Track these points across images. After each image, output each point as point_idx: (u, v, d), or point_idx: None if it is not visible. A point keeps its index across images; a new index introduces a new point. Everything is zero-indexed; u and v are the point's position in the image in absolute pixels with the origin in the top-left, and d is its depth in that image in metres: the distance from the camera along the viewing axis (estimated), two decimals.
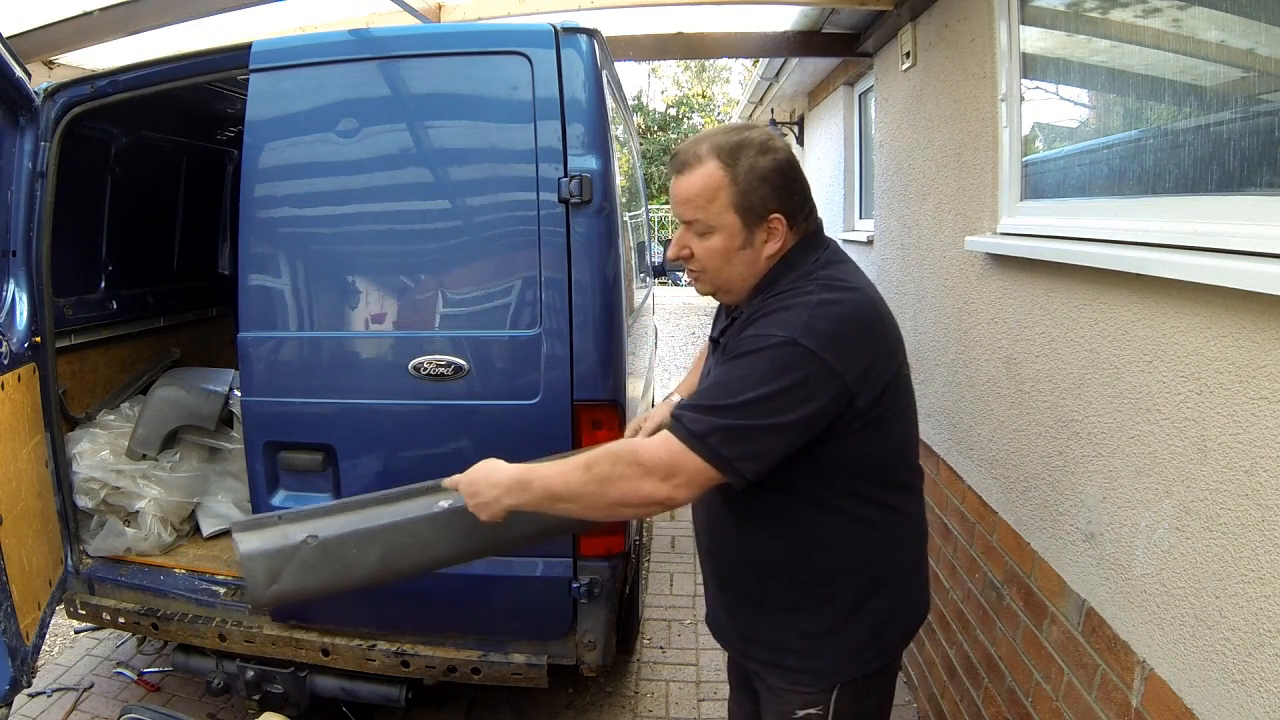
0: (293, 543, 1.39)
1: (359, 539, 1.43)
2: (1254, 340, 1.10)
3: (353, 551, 1.42)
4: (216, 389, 2.90)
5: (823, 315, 1.19)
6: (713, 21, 3.93)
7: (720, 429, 1.15)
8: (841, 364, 1.17)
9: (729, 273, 1.32)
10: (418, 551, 1.47)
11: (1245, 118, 1.26)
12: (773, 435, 1.16)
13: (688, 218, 1.30)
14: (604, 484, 1.20)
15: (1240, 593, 1.13)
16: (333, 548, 1.41)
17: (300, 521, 1.42)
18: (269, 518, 1.44)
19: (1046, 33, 1.97)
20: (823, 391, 1.17)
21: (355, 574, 1.44)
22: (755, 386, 1.15)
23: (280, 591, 1.39)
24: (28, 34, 2.80)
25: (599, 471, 1.21)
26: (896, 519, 1.36)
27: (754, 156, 1.26)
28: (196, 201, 3.67)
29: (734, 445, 1.15)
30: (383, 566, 1.45)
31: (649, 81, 25.38)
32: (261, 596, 1.39)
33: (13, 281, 2.31)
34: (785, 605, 1.36)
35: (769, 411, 1.15)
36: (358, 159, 2.09)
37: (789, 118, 6.77)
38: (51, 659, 3.03)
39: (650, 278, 4.63)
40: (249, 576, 1.38)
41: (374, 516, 1.46)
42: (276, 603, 1.43)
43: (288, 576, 1.39)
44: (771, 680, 1.40)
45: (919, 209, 2.79)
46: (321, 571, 1.41)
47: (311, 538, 1.40)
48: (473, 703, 2.76)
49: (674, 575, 3.71)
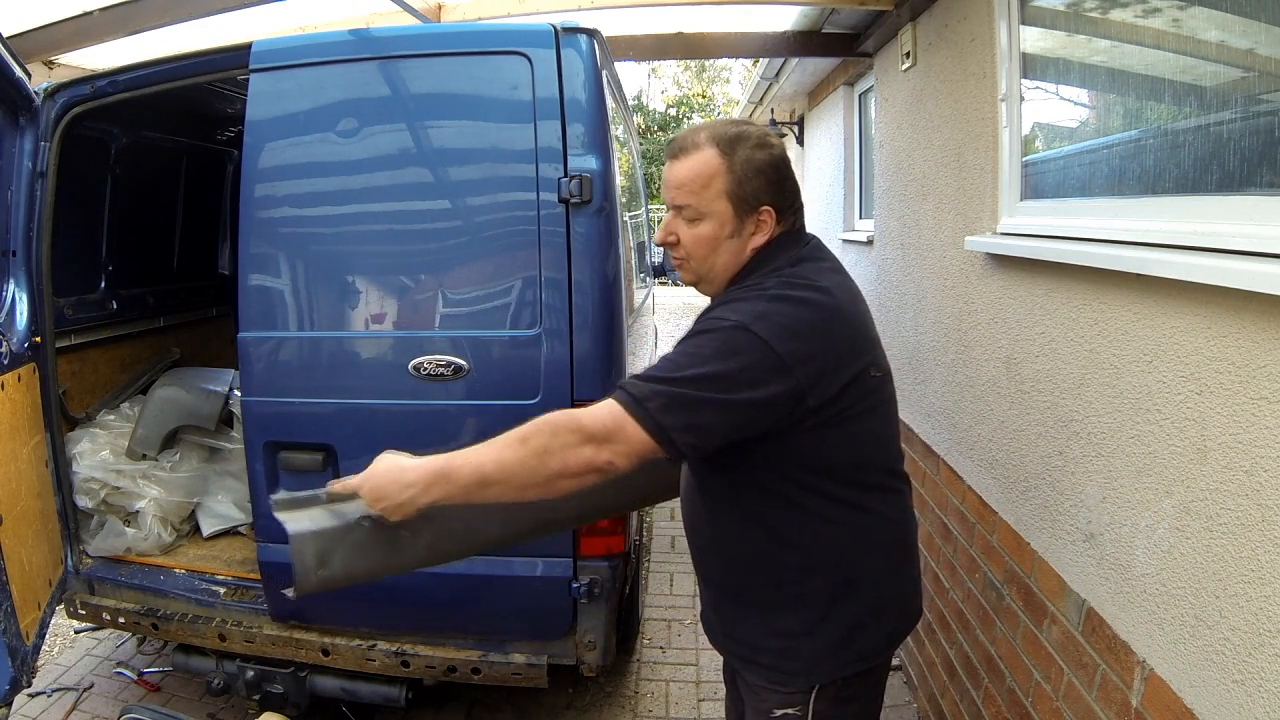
0: (346, 523, 1.30)
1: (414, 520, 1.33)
2: (1254, 340, 1.10)
3: (405, 534, 1.34)
4: (216, 389, 2.90)
5: (776, 310, 1.19)
6: (713, 21, 3.93)
7: (661, 394, 1.14)
8: (791, 358, 1.16)
9: (712, 261, 1.32)
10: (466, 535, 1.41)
11: (1245, 118, 1.26)
12: (714, 410, 1.15)
13: (680, 202, 1.30)
14: (543, 456, 1.16)
15: (1240, 593, 1.13)
16: (387, 529, 1.32)
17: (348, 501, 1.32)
18: (313, 495, 1.34)
19: (1046, 33, 1.97)
20: (769, 381, 1.16)
21: (406, 557, 1.37)
22: (701, 364, 1.16)
23: (328, 576, 1.31)
24: (28, 34, 2.80)
25: (536, 444, 1.17)
26: (868, 520, 1.34)
27: (751, 149, 1.28)
28: (196, 201, 3.67)
29: (673, 414, 1.14)
30: (431, 550, 1.38)
31: (649, 81, 25.41)
32: (309, 580, 1.30)
33: (13, 281, 2.31)
34: (761, 602, 1.36)
35: (712, 388, 1.15)
36: (358, 159, 2.09)
37: (789, 118, 6.77)
38: (51, 659, 3.03)
39: (650, 278, 4.63)
40: (298, 559, 1.29)
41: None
42: (323, 588, 1.33)
43: (337, 559, 1.30)
44: (749, 677, 1.41)
45: (919, 209, 2.79)
46: (373, 555, 1.33)
47: (366, 519, 1.30)
48: (473, 703, 2.76)
49: (674, 575, 3.71)
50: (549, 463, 1.16)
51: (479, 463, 1.19)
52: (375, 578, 1.40)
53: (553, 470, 1.17)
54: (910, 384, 2.75)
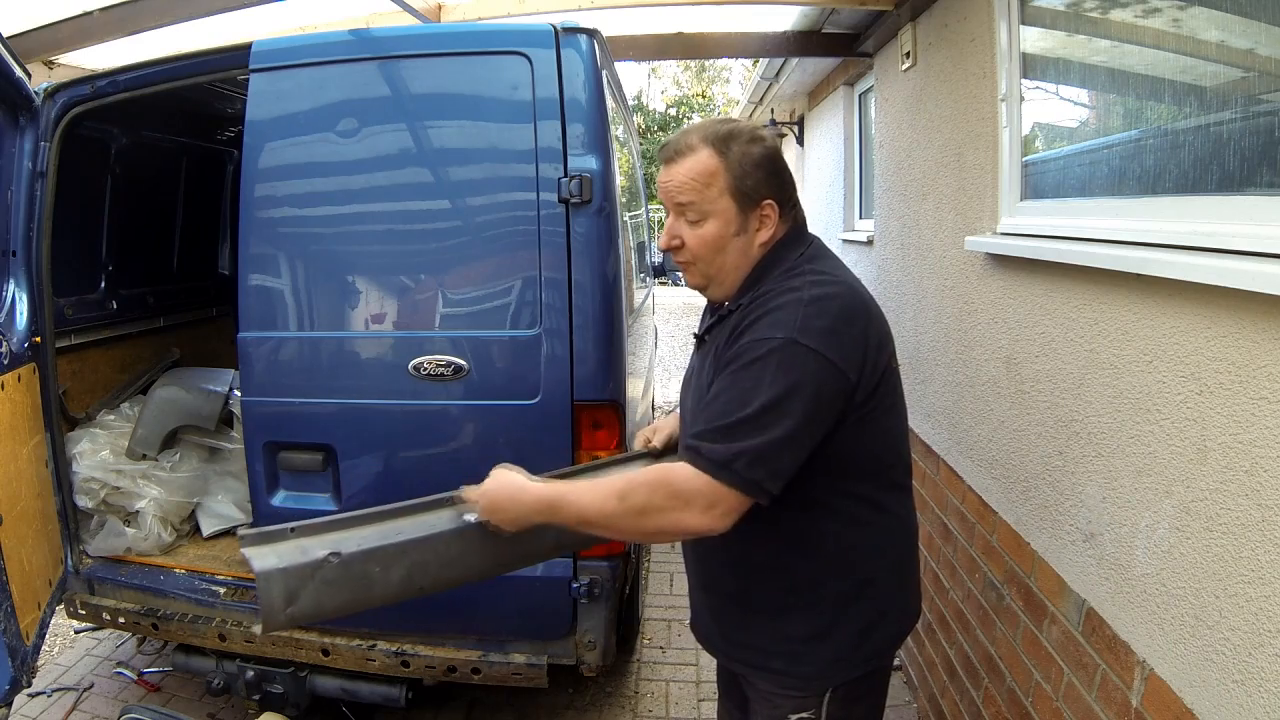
0: (313, 560, 1.28)
1: (384, 556, 1.33)
2: (1254, 340, 1.10)
3: (376, 570, 1.33)
4: (216, 389, 2.90)
5: (815, 311, 1.18)
6: (713, 21, 3.93)
7: (743, 453, 1.13)
8: (843, 362, 1.17)
9: (721, 262, 1.31)
10: (442, 568, 1.39)
11: (1245, 118, 1.26)
12: (793, 446, 1.16)
13: (682, 201, 1.28)
14: (641, 516, 1.19)
15: (1240, 593, 1.12)
16: (356, 565, 1.31)
17: (317, 535, 1.31)
18: (281, 530, 1.32)
19: (1046, 33, 1.97)
20: (827, 387, 1.17)
21: (377, 592, 1.35)
22: (764, 393, 1.14)
23: (297, 613, 1.29)
24: (28, 34, 2.81)
25: (635, 502, 1.19)
26: (886, 520, 1.35)
27: (745, 144, 1.27)
28: (196, 201, 3.67)
29: (760, 467, 1.14)
30: (405, 584, 1.36)
31: (649, 81, 25.40)
32: (277, 618, 1.29)
33: (13, 281, 2.31)
34: (771, 608, 1.34)
35: (780, 416, 1.14)
36: (358, 159, 2.09)
37: (789, 118, 6.77)
38: (51, 659, 3.03)
39: (650, 278, 4.63)
40: (264, 597, 1.27)
41: (397, 530, 1.36)
42: (292, 624, 1.33)
43: (307, 597, 1.28)
44: (761, 684, 1.39)
45: (919, 209, 2.79)
46: (342, 591, 1.31)
47: (334, 555, 1.29)
48: (473, 703, 2.76)
49: (674, 575, 3.71)
50: (645, 523, 1.19)
51: (583, 506, 1.23)
52: (347, 614, 1.38)
53: (649, 530, 1.21)
54: (910, 384, 2.75)
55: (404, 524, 1.37)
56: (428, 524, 1.37)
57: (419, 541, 1.35)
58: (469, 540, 1.38)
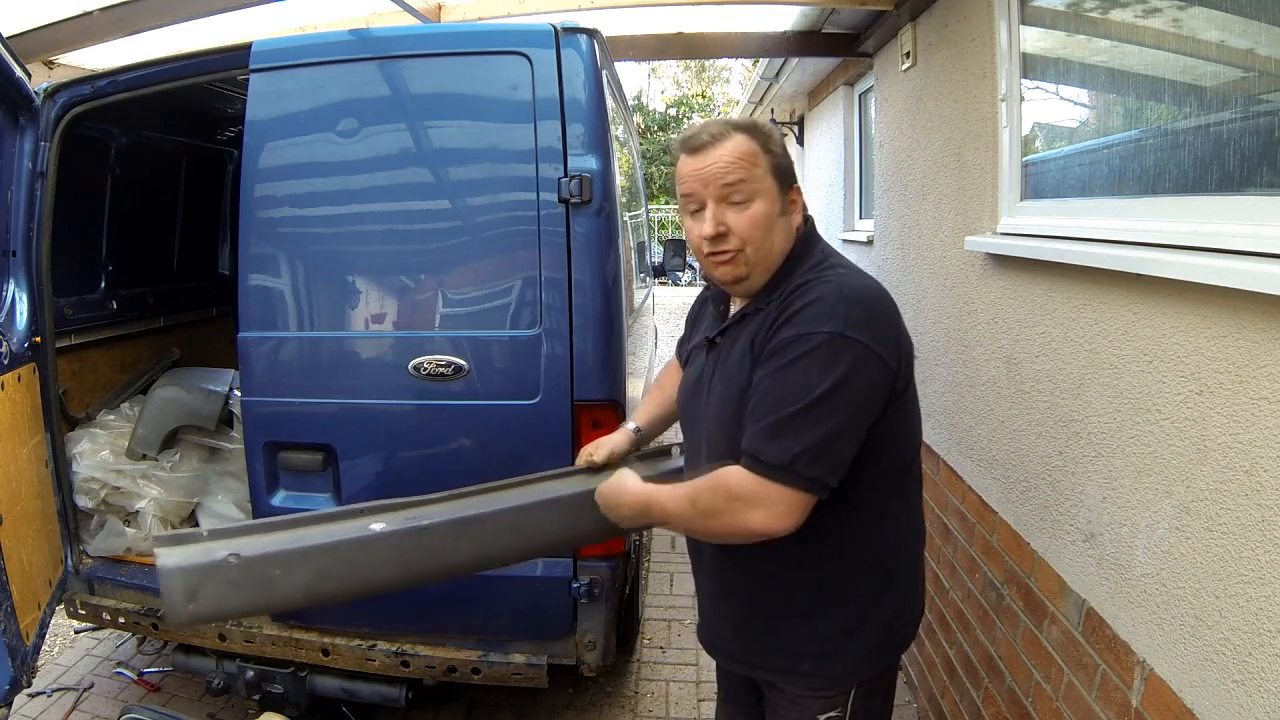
0: (214, 560, 1.34)
1: (285, 560, 1.38)
2: (1254, 340, 1.10)
3: (276, 572, 1.38)
4: (216, 389, 2.90)
5: (855, 302, 1.20)
6: (713, 21, 3.93)
7: (802, 452, 1.14)
8: (883, 349, 1.19)
9: (770, 244, 1.28)
10: (346, 576, 1.43)
11: (1245, 118, 1.26)
12: (845, 439, 1.18)
13: (730, 181, 1.25)
14: (708, 518, 1.23)
15: (1240, 593, 1.13)
16: (256, 567, 1.36)
17: (227, 539, 1.37)
18: (195, 533, 1.39)
19: (1046, 33, 1.97)
20: (874, 378, 1.19)
21: (279, 595, 1.40)
22: (815, 387, 1.15)
23: (198, 611, 1.34)
24: (28, 34, 2.80)
25: (702, 506, 1.23)
26: (909, 512, 1.37)
27: (770, 131, 1.33)
28: (196, 201, 3.67)
29: (820, 464, 1.15)
30: (308, 590, 1.41)
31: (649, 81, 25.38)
32: (179, 614, 1.34)
33: (13, 281, 2.31)
34: (799, 610, 1.34)
35: (833, 410, 1.15)
36: (358, 159, 2.09)
37: (789, 118, 6.77)
38: (51, 659, 3.03)
39: (650, 278, 4.63)
40: (165, 593, 1.33)
41: (305, 537, 1.41)
42: (194, 622, 1.39)
43: (207, 595, 1.34)
44: (788, 689, 1.37)
45: (919, 209, 2.79)
46: (243, 591, 1.36)
47: (234, 556, 1.35)
48: (473, 703, 2.75)
49: (674, 575, 3.71)
50: (712, 525, 1.24)
51: (666, 506, 1.31)
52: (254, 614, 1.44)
53: (717, 531, 1.25)
54: None
55: (317, 531, 1.43)
56: (334, 532, 1.43)
57: (321, 549, 1.40)
58: (372, 550, 1.43)
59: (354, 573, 1.43)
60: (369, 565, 1.44)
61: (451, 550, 1.47)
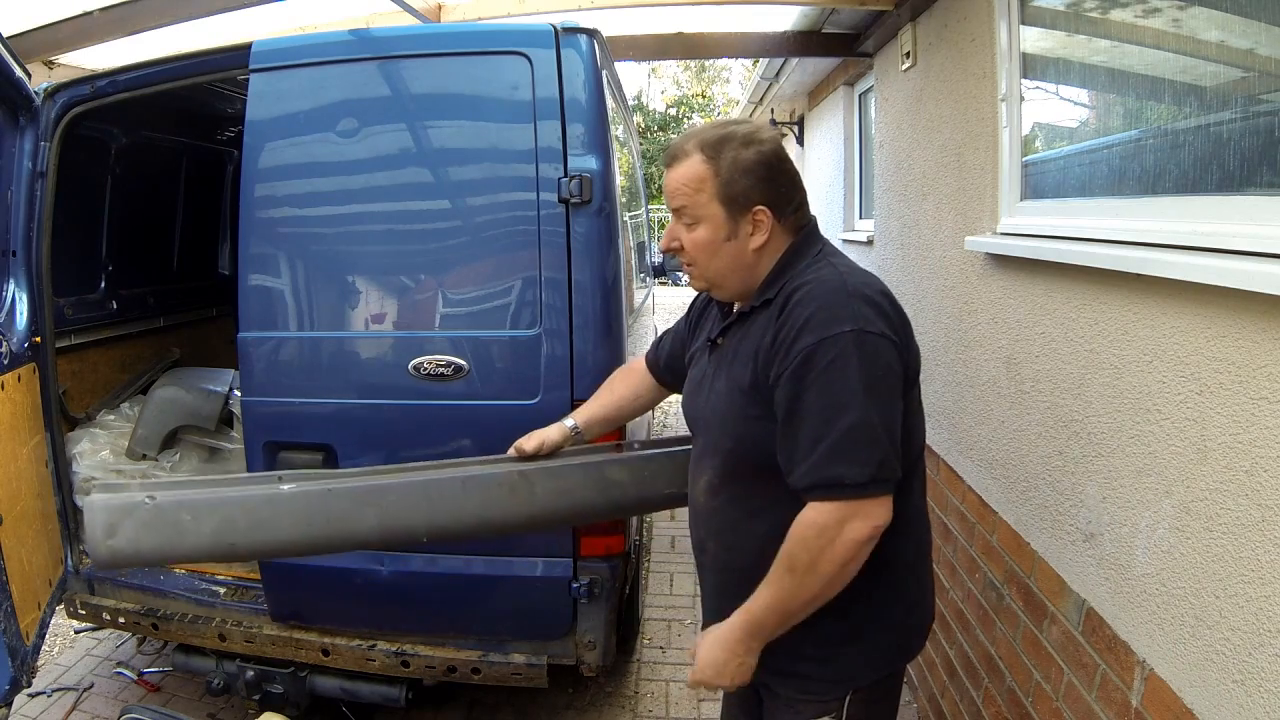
0: (132, 501, 1.48)
1: (196, 506, 1.50)
2: (1254, 340, 1.10)
3: (187, 518, 1.50)
4: (216, 389, 2.90)
5: (864, 298, 1.21)
6: (713, 21, 3.93)
7: (883, 459, 1.15)
8: (896, 335, 1.21)
9: (716, 265, 1.33)
10: (252, 529, 1.53)
11: (1245, 118, 1.26)
12: (895, 425, 1.19)
13: (676, 206, 1.32)
14: (812, 570, 1.17)
15: (1240, 593, 1.13)
16: (169, 511, 1.49)
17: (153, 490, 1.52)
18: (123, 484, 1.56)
19: (1046, 33, 1.97)
20: (898, 363, 1.21)
21: (189, 541, 1.51)
22: (858, 387, 1.15)
23: (117, 547, 1.48)
24: (28, 34, 2.80)
25: (802, 562, 1.18)
26: (913, 511, 1.35)
27: (737, 149, 1.27)
28: (196, 201, 3.67)
29: (888, 466, 1.16)
30: (216, 539, 1.51)
31: (649, 81, 25.39)
32: (99, 550, 1.48)
33: (13, 281, 2.31)
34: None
35: (879, 405, 1.16)
36: (358, 159, 2.09)
37: (789, 118, 6.77)
38: (51, 659, 3.03)
39: (650, 278, 4.63)
40: (88, 528, 1.48)
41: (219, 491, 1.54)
42: (116, 559, 1.51)
43: (124, 533, 1.47)
44: (783, 691, 1.37)
45: (919, 209, 2.79)
46: (157, 533, 1.49)
47: (149, 498, 1.49)
48: (473, 703, 2.75)
49: (674, 575, 3.71)
50: (822, 568, 1.17)
51: (772, 603, 1.22)
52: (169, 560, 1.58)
53: (832, 572, 1.17)
54: None
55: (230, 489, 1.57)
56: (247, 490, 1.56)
57: (230, 500, 1.53)
58: (278, 506, 1.53)
59: (258, 527, 1.53)
60: (273, 520, 1.53)
61: (357, 515, 1.54)
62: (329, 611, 2.26)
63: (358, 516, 1.54)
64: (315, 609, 2.27)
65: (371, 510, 1.55)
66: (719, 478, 1.37)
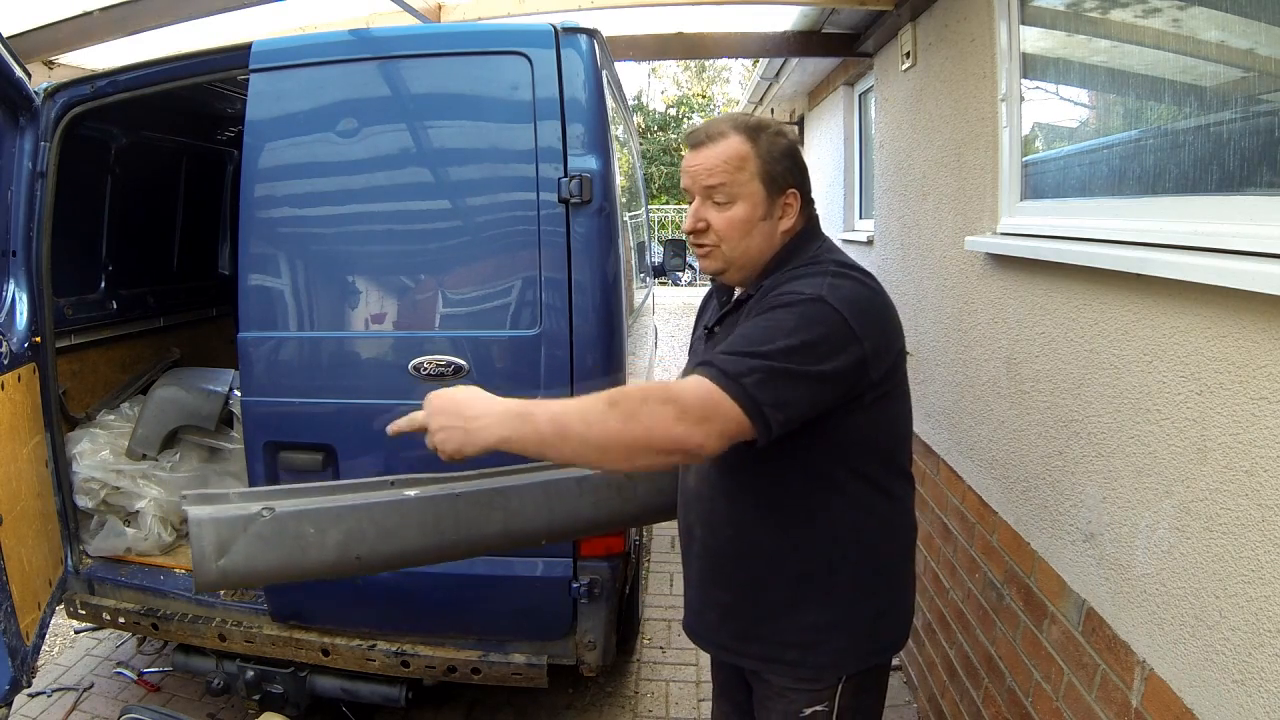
0: (248, 513, 1.30)
1: (319, 517, 1.33)
2: (1254, 340, 1.10)
3: (310, 531, 1.33)
4: (216, 389, 2.90)
5: (841, 284, 1.23)
6: (713, 21, 3.93)
7: (757, 370, 1.12)
8: (861, 329, 1.20)
9: (746, 245, 1.34)
10: (380, 539, 1.39)
11: (1245, 118, 1.26)
12: (805, 384, 1.15)
13: (712, 184, 1.31)
14: (629, 420, 1.09)
15: (1240, 593, 1.13)
16: (290, 523, 1.32)
17: (259, 500, 1.34)
18: (223, 494, 1.36)
19: (1046, 33, 1.97)
20: (845, 351, 1.18)
21: (312, 556, 1.35)
22: (786, 336, 1.16)
23: (229, 567, 1.28)
24: (28, 34, 2.80)
25: (626, 408, 1.10)
26: (895, 507, 1.38)
27: (773, 135, 1.34)
28: (196, 201, 3.67)
29: (768, 389, 1.11)
30: (342, 552, 1.35)
31: (649, 81, 25.36)
32: (209, 570, 1.28)
33: (13, 281, 2.31)
34: (786, 598, 1.35)
35: (801, 360, 1.15)
36: (358, 159, 2.09)
37: (789, 118, 6.77)
38: (51, 659, 3.03)
39: (650, 278, 4.63)
40: (196, 544, 1.27)
41: (338, 499, 1.37)
42: (225, 581, 1.33)
43: (239, 550, 1.28)
44: (773, 678, 1.39)
45: (919, 209, 2.79)
46: (276, 548, 1.31)
47: (267, 509, 1.31)
48: (473, 703, 2.76)
49: (674, 575, 3.71)
50: (634, 429, 1.09)
51: (560, 412, 1.12)
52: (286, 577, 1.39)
53: (637, 438, 1.09)
54: (911, 383, 2.73)
55: (346, 495, 1.40)
56: (367, 495, 1.40)
57: (356, 509, 1.37)
58: (406, 513, 1.40)
59: (387, 536, 1.39)
60: (402, 529, 1.39)
61: (484, 520, 1.44)
62: (329, 611, 2.26)
63: (485, 520, 1.44)
64: (315, 609, 2.27)
65: (498, 514, 1.46)
66: (711, 464, 1.38)
